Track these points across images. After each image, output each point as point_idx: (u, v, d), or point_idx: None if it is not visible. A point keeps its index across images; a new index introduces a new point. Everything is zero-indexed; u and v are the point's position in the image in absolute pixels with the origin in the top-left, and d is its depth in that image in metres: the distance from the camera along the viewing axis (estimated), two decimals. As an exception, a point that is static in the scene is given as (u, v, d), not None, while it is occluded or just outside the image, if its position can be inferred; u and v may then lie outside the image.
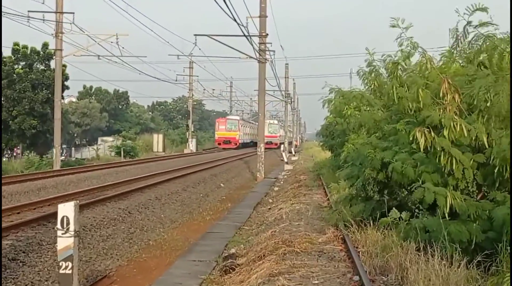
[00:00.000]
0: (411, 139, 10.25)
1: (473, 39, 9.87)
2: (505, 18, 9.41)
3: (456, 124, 9.87)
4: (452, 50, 12.18)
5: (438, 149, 9.78)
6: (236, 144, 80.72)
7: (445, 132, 9.87)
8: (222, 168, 39.80)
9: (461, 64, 12.02)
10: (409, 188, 10.79)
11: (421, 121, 10.39)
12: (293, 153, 74.20)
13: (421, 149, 9.96)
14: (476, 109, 10.22)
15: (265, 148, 38.91)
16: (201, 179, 30.62)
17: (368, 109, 15.62)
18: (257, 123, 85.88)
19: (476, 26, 8.72)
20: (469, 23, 9.38)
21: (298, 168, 41.47)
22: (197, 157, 51.58)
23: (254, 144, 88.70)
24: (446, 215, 9.29)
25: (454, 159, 9.76)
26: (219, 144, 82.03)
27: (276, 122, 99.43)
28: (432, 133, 9.88)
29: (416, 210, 10.24)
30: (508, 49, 10.35)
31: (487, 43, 10.23)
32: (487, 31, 9.03)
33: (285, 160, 50.71)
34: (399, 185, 11.51)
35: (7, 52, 43.88)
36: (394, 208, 11.14)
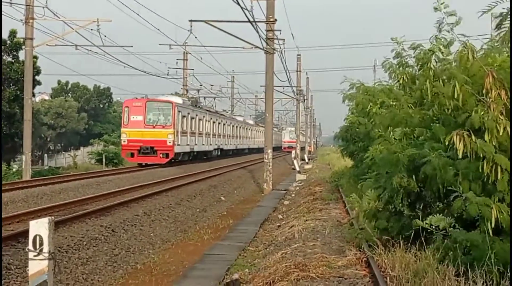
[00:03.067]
0: (447, 143, 10.23)
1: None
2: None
3: (500, 126, 9.83)
4: (496, 37, 12.14)
5: (481, 155, 9.74)
6: (167, 155, 48.06)
7: (487, 137, 9.83)
8: (222, 178, 39.81)
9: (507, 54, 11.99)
10: (446, 200, 10.77)
11: (460, 123, 10.36)
12: (307, 160, 74.29)
13: (460, 155, 9.92)
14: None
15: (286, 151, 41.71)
16: (198, 191, 30.64)
17: (395, 104, 15.56)
18: (252, 123, 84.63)
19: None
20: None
21: (313, 178, 41.45)
22: (193, 165, 51.60)
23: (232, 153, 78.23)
24: (490, 231, 9.26)
25: (499, 167, 9.72)
26: (132, 155, 48.82)
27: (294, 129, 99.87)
28: (473, 137, 9.84)
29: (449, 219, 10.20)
30: None
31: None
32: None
33: (297, 168, 50.60)
34: (434, 197, 11.47)
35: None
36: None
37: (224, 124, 73.62)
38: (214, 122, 66.85)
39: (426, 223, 10.48)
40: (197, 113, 58.56)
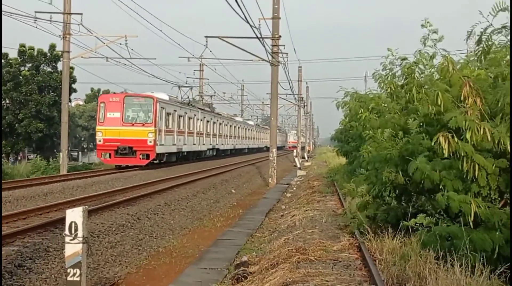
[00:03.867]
0: (433, 144, 10.19)
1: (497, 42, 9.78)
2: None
3: (480, 127, 9.79)
4: (477, 53, 12.11)
5: (462, 154, 9.70)
6: (147, 156, 38.13)
7: (468, 135, 9.76)
8: (232, 173, 39.81)
9: (482, 68, 11.94)
10: (428, 194, 10.75)
11: (443, 124, 10.32)
12: (306, 158, 74.18)
13: (445, 155, 9.87)
14: (499, 113, 10.15)
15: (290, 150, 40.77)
16: (212, 184, 30.64)
17: (386, 107, 15.53)
18: (251, 123, 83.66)
19: (500, 29, 8.65)
20: (491, 25, 9.29)
21: (311, 174, 41.43)
22: (209, 162, 51.54)
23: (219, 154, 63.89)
24: (471, 223, 9.24)
25: (477, 165, 9.70)
26: (109, 156, 38.41)
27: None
28: (456, 138, 9.81)
29: (437, 216, 10.17)
30: None
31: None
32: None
33: (298, 165, 50.64)
34: (418, 191, 11.45)
35: (13, 54, 44.27)
36: (413, 214, 11.06)
37: (220, 124, 63.99)
38: (208, 121, 56.62)
39: (413, 221, 10.50)
40: (187, 111, 47.60)
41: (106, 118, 37.94)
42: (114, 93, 43.05)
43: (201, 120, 52.86)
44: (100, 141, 37.96)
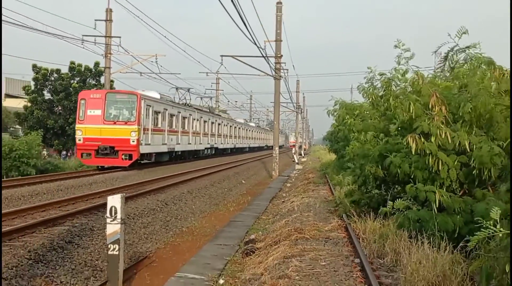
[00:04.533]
0: (405, 143, 10.23)
1: (460, 59, 9.79)
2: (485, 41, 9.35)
3: (442, 132, 9.85)
4: (442, 69, 12.13)
5: (427, 152, 9.78)
6: (130, 156, 30.39)
7: (433, 139, 9.87)
8: (242, 167, 39.76)
9: (448, 81, 11.95)
10: (402, 184, 10.75)
11: (413, 129, 10.34)
12: (303, 155, 73.91)
13: (413, 152, 9.93)
14: (460, 119, 10.16)
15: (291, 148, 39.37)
16: (226, 176, 30.63)
17: (368, 114, 15.52)
18: (243, 121, 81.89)
19: (464, 49, 8.67)
20: (456, 45, 9.32)
21: (307, 168, 41.34)
22: (224, 158, 51.47)
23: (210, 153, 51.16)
24: (436, 209, 9.30)
25: (440, 161, 9.75)
26: (89, 156, 30.42)
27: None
28: (422, 139, 9.86)
29: (409, 202, 10.18)
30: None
31: (472, 62, 10.15)
32: (473, 52, 8.97)
33: (296, 161, 50.55)
34: (394, 181, 11.45)
35: (65, 69, 44.32)
36: (389, 200, 11.06)
37: (219, 124, 55.09)
38: (205, 121, 48.03)
39: (390, 208, 10.50)
40: (180, 111, 39.27)
41: (86, 115, 29.74)
42: (96, 90, 35.22)
43: (197, 120, 44.87)
44: (80, 140, 29.82)
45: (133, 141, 29.68)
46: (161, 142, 34.61)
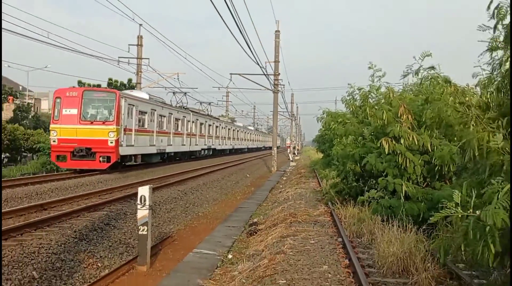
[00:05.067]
0: (379, 145, 10.24)
1: (423, 77, 9.75)
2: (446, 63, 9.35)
3: (409, 135, 9.87)
4: (408, 85, 12.18)
5: (398, 152, 9.81)
6: (108, 158, 22.53)
7: (402, 141, 9.89)
8: (247, 164, 39.70)
9: (413, 94, 11.95)
10: (376, 178, 10.75)
11: (386, 133, 10.34)
12: (296, 154, 73.83)
13: (386, 152, 9.95)
14: (423, 124, 10.17)
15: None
16: (234, 171, 30.61)
17: (349, 121, 15.54)
18: (239, 124, 79.68)
19: (426, 68, 8.69)
20: (421, 66, 9.30)
21: (300, 164, 41.31)
22: (230, 156, 51.39)
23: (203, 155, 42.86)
24: (403, 197, 9.33)
25: (407, 159, 9.77)
26: (64, 158, 22.54)
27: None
28: (393, 142, 9.87)
29: (382, 192, 10.19)
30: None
31: (431, 80, 10.14)
32: (433, 72, 8.97)
33: (291, 159, 50.62)
34: (370, 176, 11.45)
35: (104, 85, 44.41)
36: (366, 191, 11.08)
37: (217, 127, 47.89)
38: (202, 124, 41.23)
39: (367, 197, 10.51)
40: (172, 112, 32.31)
41: (61, 115, 22.58)
42: (74, 87, 28.76)
43: (193, 122, 37.88)
44: (54, 141, 22.61)
45: (111, 142, 22.62)
46: (149, 143, 27.85)
